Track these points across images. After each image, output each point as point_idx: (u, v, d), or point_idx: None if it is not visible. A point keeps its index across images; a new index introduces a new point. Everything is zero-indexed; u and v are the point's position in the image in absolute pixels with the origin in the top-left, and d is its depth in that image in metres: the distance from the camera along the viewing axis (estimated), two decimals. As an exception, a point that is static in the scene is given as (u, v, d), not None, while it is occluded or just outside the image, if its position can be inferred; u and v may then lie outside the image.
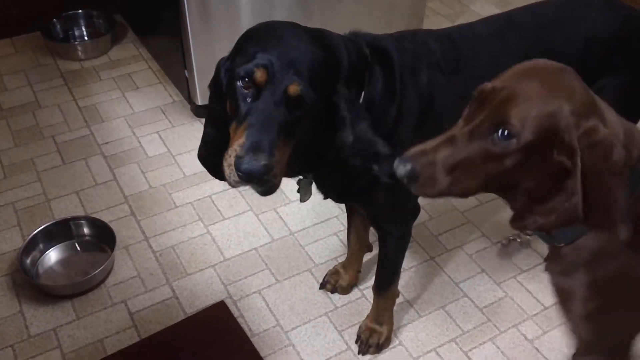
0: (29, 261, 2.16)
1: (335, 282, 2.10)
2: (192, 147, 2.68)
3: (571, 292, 1.27)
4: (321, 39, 1.41)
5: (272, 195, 2.44)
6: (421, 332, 2.00)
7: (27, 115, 2.84)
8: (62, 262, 2.21)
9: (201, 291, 2.11)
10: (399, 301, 1.99)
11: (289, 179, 1.58)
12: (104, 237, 2.24)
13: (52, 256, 2.22)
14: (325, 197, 1.71)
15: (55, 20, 3.27)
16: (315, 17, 2.70)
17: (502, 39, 1.66)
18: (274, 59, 1.31)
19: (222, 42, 2.56)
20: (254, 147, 1.28)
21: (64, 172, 2.55)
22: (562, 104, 1.08)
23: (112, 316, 2.03)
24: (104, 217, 2.32)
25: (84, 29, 3.35)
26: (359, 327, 1.97)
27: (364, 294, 2.11)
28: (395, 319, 1.97)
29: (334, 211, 2.38)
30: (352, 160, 1.44)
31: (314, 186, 1.67)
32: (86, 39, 3.33)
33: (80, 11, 3.32)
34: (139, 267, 2.19)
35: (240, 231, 2.32)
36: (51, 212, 2.37)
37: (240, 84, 1.33)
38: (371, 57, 1.48)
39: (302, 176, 1.63)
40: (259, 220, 2.36)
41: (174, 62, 2.84)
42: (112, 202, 2.42)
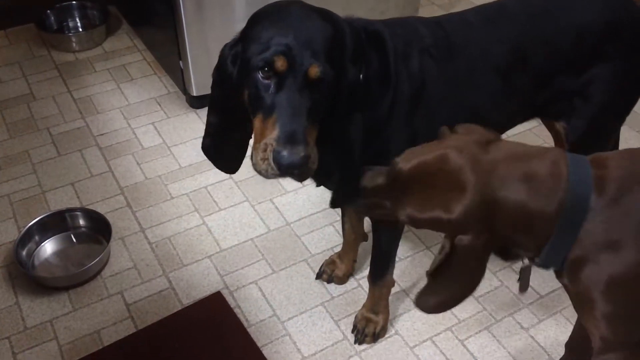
0: (24, 253, 2.16)
1: (331, 272, 2.11)
2: (188, 138, 2.68)
3: (587, 297, 1.26)
4: (328, 15, 1.41)
5: (268, 185, 2.46)
6: (417, 322, 2.01)
7: (21, 107, 2.83)
8: (58, 254, 2.21)
9: (197, 282, 2.11)
10: (394, 290, 1.99)
11: None
12: (99, 229, 2.24)
13: (48, 248, 2.22)
14: (317, 185, 1.71)
15: (49, 11, 3.25)
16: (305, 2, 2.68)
17: (493, 27, 1.66)
18: (292, 43, 1.30)
19: (217, 32, 2.57)
20: (290, 139, 1.28)
21: (59, 163, 2.55)
22: (449, 217, 1.19)
23: (109, 307, 2.03)
24: (100, 209, 2.32)
25: (78, 20, 3.34)
26: (355, 317, 1.98)
27: (360, 284, 2.11)
28: (391, 309, 1.98)
29: (330, 201, 2.38)
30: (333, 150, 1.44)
31: None
32: (80, 30, 3.32)
33: (74, 2, 3.31)
34: (135, 259, 2.19)
35: (236, 222, 2.32)
36: (47, 204, 2.37)
37: (260, 74, 1.32)
38: (366, 41, 1.48)
39: None
40: (255, 210, 2.36)
41: (168, 53, 2.84)
42: (108, 194, 2.42)
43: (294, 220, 2.33)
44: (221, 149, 1.60)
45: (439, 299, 1.34)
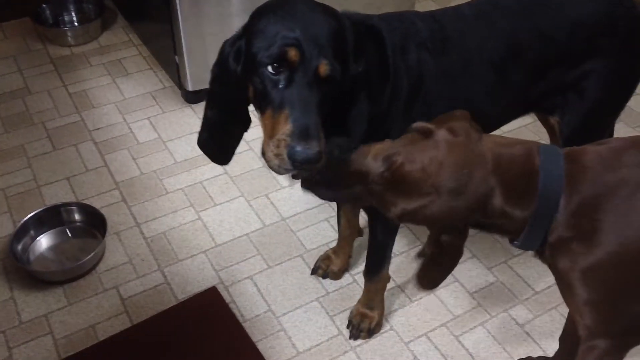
0: (20, 247, 2.15)
1: (326, 268, 2.11)
2: (183, 133, 2.68)
3: (569, 281, 1.30)
4: (330, 10, 1.41)
5: (263, 181, 2.46)
6: (412, 317, 2.01)
7: (17, 101, 2.83)
8: (53, 248, 2.21)
9: (193, 277, 2.11)
10: (390, 286, 2.00)
11: None
12: (94, 223, 2.24)
13: (43, 242, 2.22)
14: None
15: (44, 5, 3.24)
16: None
17: (488, 21, 1.66)
18: (300, 37, 1.29)
19: (213, 27, 2.56)
20: (304, 134, 1.27)
21: (55, 158, 2.54)
22: (444, 218, 1.26)
23: (104, 302, 2.03)
24: (95, 203, 2.32)
25: (73, 14, 3.33)
26: (350, 312, 1.98)
27: (355, 279, 2.11)
28: (386, 304, 1.98)
29: (326, 197, 2.38)
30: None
31: None
32: (76, 24, 3.31)
33: (69, -4, 3.30)
34: (130, 253, 2.18)
35: (231, 217, 2.32)
36: (42, 198, 2.36)
37: (269, 70, 1.31)
38: (364, 36, 1.48)
39: None
40: (251, 206, 2.36)
41: (164, 48, 2.83)
42: (103, 188, 2.42)
43: (290, 215, 2.33)
44: (218, 144, 1.59)
45: (434, 278, 1.44)
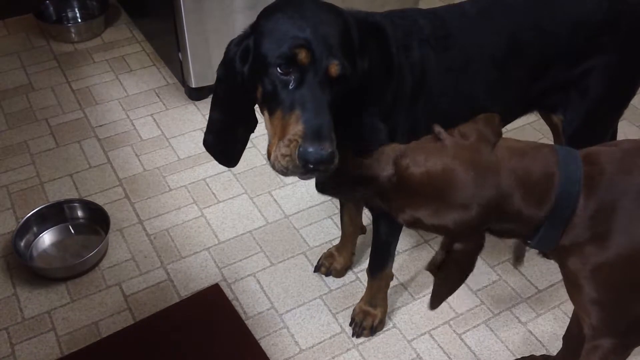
0: (22, 244, 2.16)
1: (329, 265, 2.11)
2: (186, 129, 2.67)
3: (577, 281, 1.30)
4: (337, 9, 1.40)
5: (266, 178, 2.46)
6: (415, 315, 2.01)
7: (20, 97, 2.83)
8: (56, 245, 2.21)
9: (195, 274, 2.11)
10: (393, 284, 1.99)
11: None
12: (98, 220, 2.24)
13: (46, 239, 2.22)
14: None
15: (48, 1, 3.24)
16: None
17: (490, 18, 1.66)
18: (310, 37, 1.28)
19: (216, 23, 2.55)
20: (317, 135, 1.26)
21: (58, 154, 2.54)
22: (453, 227, 1.22)
23: (107, 299, 2.03)
24: (98, 200, 2.32)
25: (77, 10, 3.33)
26: (353, 310, 1.98)
27: (358, 277, 2.11)
28: (389, 302, 1.98)
29: (329, 194, 2.38)
30: (354, 139, 1.43)
31: None
32: (79, 20, 3.31)
33: (73, -8, 3.30)
34: (133, 250, 2.18)
35: (234, 214, 2.32)
36: (45, 195, 2.37)
37: (279, 70, 1.30)
38: (368, 33, 1.48)
39: None
40: (254, 203, 2.36)
41: (167, 44, 2.83)
42: (106, 185, 2.42)
43: (293, 212, 2.33)
44: (224, 145, 1.58)
45: (439, 294, 1.40)
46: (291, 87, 1.30)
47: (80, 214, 2.28)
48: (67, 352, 1.89)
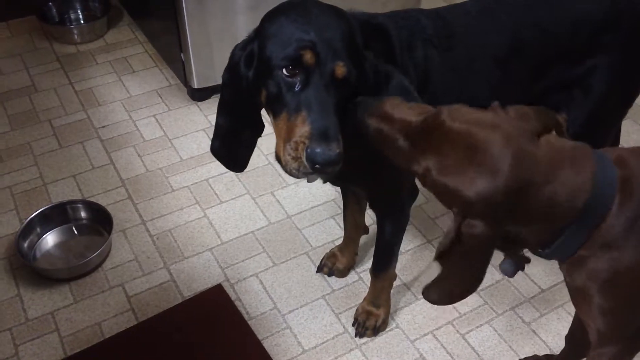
0: (26, 245, 2.16)
1: (332, 265, 2.10)
2: (189, 130, 2.68)
3: (584, 292, 1.27)
4: (341, 12, 1.40)
5: (269, 178, 2.46)
6: (418, 315, 2.00)
7: (23, 99, 2.83)
8: (59, 246, 2.21)
9: (198, 274, 2.11)
10: (396, 284, 1.99)
11: None
12: (101, 221, 2.24)
13: (50, 240, 2.22)
14: (324, 181, 1.71)
15: (50, 3, 3.24)
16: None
17: (491, 17, 1.66)
18: (315, 39, 1.28)
19: (218, 24, 2.56)
20: (324, 136, 1.25)
21: (61, 155, 2.55)
22: (469, 193, 1.12)
23: (110, 299, 2.04)
24: (101, 201, 2.32)
25: (79, 12, 3.33)
26: (356, 310, 1.98)
27: (360, 277, 2.11)
28: (392, 302, 1.98)
29: (331, 194, 2.38)
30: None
31: None
32: (82, 22, 3.31)
33: (76, -6, 3.31)
34: (136, 251, 2.19)
35: (237, 214, 2.32)
36: (48, 196, 2.37)
37: (284, 72, 1.30)
38: (371, 35, 1.48)
39: None
40: (256, 203, 2.36)
41: (169, 45, 2.83)
42: (109, 186, 2.42)
43: (295, 213, 2.33)
44: (232, 150, 1.58)
45: (443, 291, 1.28)
46: (296, 89, 1.30)
47: (83, 214, 2.28)
48: (71, 352, 1.89)
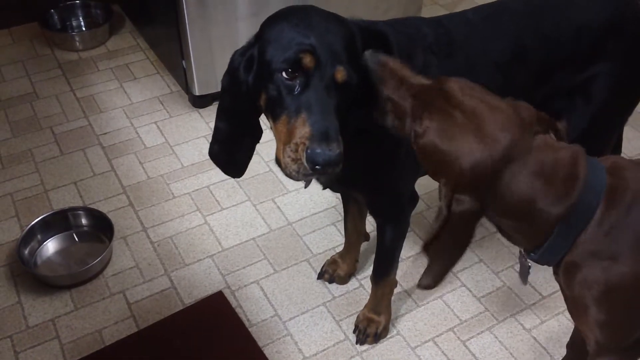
0: (27, 252, 2.16)
1: (333, 272, 2.10)
2: (190, 137, 2.68)
3: (580, 302, 1.27)
4: (341, 18, 1.41)
5: (270, 185, 2.46)
6: (419, 322, 2.00)
7: (24, 106, 2.84)
8: (60, 253, 2.21)
9: (199, 281, 2.11)
10: (397, 291, 1.99)
11: None
12: (102, 228, 2.24)
13: (50, 247, 2.22)
14: (324, 188, 1.71)
15: (52, 10, 3.25)
16: (310, 3, 2.68)
17: (493, 24, 1.66)
18: (315, 43, 1.29)
19: (220, 31, 2.56)
20: (324, 136, 1.26)
21: (62, 162, 2.55)
22: (465, 161, 1.14)
23: (111, 306, 2.04)
24: (102, 208, 2.32)
25: (81, 19, 3.34)
26: (357, 317, 1.97)
27: (361, 284, 2.11)
28: (393, 309, 1.98)
29: (332, 201, 2.38)
30: None
31: None
32: (84, 29, 3.32)
33: (77, 1, 3.31)
34: (137, 258, 2.19)
35: (238, 221, 2.32)
36: (49, 203, 2.37)
37: (284, 75, 1.30)
38: (371, 42, 1.48)
39: None
40: (257, 210, 2.36)
41: (171, 52, 2.84)
42: (110, 193, 2.42)
43: (296, 219, 2.33)
44: (230, 155, 1.58)
45: (434, 272, 1.30)
46: (296, 92, 1.30)
47: (84, 221, 2.28)
48: None
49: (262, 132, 1.55)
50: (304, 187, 1.65)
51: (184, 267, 2.16)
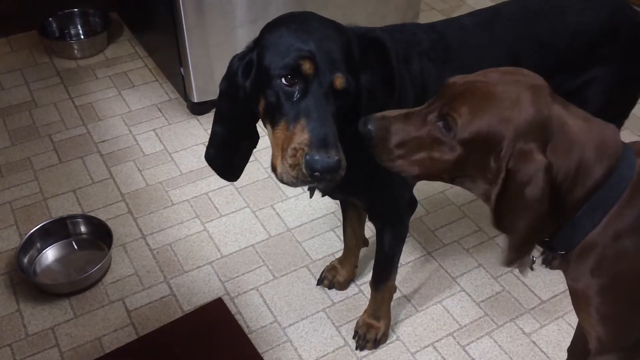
0: (26, 260, 2.16)
1: (332, 278, 2.10)
2: (189, 144, 2.68)
3: (585, 295, 1.26)
4: (338, 25, 1.41)
5: (269, 191, 2.46)
6: (419, 327, 2.00)
7: (23, 114, 2.84)
8: (59, 261, 2.21)
9: (198, 288, 2.11)
10: (396, 296, 1.99)
11: None
12: (100, 235, 2.24)
13: (50, 255, 2.22)
14: (323, 195, 1.71)
15: (51, 18, 3.26)
16: (308, 10, 2.69)
17: (489, 29, 1.67)
18: (314, 49, 1.30)
19: (218, 38, 2.57)
20: (323, 143, 1.26)
21: (61, 170, 2.55)
22: (509, 118, 1.11)
23: (110, 314, 2.03)
24: (101, 215, 2.32)
25: (79, 27, 3.35)
26: (357, 323, 1.97)
27: (361, 290, 2.11)
28: (392, 314, 1.98)
29: (331, 207, 2.38)
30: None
31: None
32: (82, 37, 3.32)
33: (76, 9, 3.32)
34: (136, 265, 2.19)
35: (237, 228, 2.32)
36: (48, 211, 2.37)
37: (283, 82, 1.30)
38: (368, 48, 1.49)
39: None
40: (256, 216, 2.36)
41: (169, 60, 2.84)
42: (109, 200, 2.42)
43: (295, 226, 2.33)
44: (226, 159, 1.59)
45: (514, 247, 1.17)
46: (295, 98, 1.31)
47: (83, 229, 2.28)
48: (71, 367, 1.89)
49: (258, 137, 1.55)
50: (309, 197, 1.65)
51: (183, 274, 2.16)
